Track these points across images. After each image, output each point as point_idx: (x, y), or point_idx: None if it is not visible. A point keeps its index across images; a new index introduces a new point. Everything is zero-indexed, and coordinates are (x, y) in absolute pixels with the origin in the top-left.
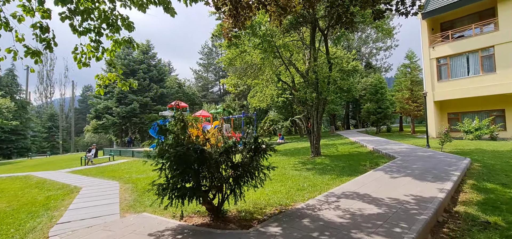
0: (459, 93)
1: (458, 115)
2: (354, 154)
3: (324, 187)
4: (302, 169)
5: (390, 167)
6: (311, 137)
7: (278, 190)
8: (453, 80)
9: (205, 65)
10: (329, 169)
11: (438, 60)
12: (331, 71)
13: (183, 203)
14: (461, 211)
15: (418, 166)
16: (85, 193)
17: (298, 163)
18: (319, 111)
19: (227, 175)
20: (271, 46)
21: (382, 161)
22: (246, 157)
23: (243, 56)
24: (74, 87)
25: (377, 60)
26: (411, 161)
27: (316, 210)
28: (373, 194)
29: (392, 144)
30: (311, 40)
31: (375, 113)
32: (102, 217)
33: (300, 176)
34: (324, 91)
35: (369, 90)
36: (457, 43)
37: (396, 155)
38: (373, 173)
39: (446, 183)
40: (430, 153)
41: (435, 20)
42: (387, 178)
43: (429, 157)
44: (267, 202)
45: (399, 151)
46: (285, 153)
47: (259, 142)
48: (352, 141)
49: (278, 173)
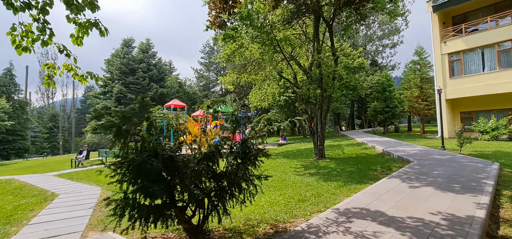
0: (473, 91)
1: (471, 114)
2: (362, 156)
3: (329, 198)
4: (304, 174)
5: (406, 173)
6: (315, 138)
7: (276, 201)
8: (466, 77)
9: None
10: (335, 174)
11: (450, 56)
12: (337, 66)
13: (147, 226)
14: (510, 235)
15: (439, 172)
16: (59, 202)
17: (300, 166)
18: (324, 109)
19: (209, 188)
20: (271, 39)
21: (395, 166)
22: (233, 165)
23: (242, 52)
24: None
25: (383, 58)
26: (430, 165)
27: (321, 234)
28: (391, 211)
29: (403, 145)
30: (315, 31)
31: (383, 113)
32: (61, 236)
33: (302, 183)
34: (329, 87)
35: (375, 89)
36: (471, 38)
37: (410, 158)
38: (387, 181)
39: (480, 196)
40: (448, 155)
41: (447, 13)
42: (405, 188)
43: (449, 161)
44: (261, 217)
45: (413, 153)
46: (286, 155)
47: (249, 145)
48: (359, 141)
49: (278, 179)
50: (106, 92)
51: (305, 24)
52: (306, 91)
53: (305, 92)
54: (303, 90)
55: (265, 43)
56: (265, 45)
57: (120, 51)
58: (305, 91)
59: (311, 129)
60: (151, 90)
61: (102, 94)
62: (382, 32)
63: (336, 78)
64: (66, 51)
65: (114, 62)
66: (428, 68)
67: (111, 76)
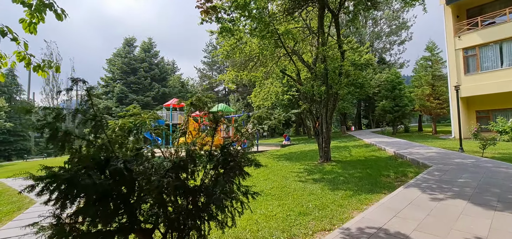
0: (490, 88)
1: (488, 113)
2: (372, 159)
3: (336, 211)
4: (307, 180)
5: (426, 181)
6: (319, 139)
7: (273, 214)
8: (483, 73)
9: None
10: (342, 181)
11: (465, 51)
12: (344, 60)
13: None
14: None
15: (466, 181)
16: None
17: (303, 170)
18: (329, 108)
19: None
20: (271, 31)
21: (410, 171)
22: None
23: (242, 48)
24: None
25: (391, 55)
26: (452, 171)
27: None
28: (416, 234)
29: (416, 146)
30: (319, 22)
31: (392, 112)
32: None
33: (305, 191)
34: (335, 84)
35: (384, 87)
36: (488, 31)
37: (427, 161)
38: (404, 192)
39: None
40: (470, 159)
41: (461, 5)
42: (428, 201)
43: (474, 166)
44: (254, 235)
45: (429, 156)
46: (289, 157)
47: (231, 152)
48: (367, 142)
49: (277, 186)
50: (107, 92)
51: (308, 17)
52: (309, 88)
53: (308, 89)
54: (306, 87)
55: (265, 37)
56: (265, 38)
57: (121, 51)
58: (308, 88)
59: (315, 130)
60: (153, 90)
61: (103, 95)
62: (390, 28)
63: (343, 74)
64: (13, 35)
65: (116, 62)
66: (441, 65)
67: (113, 76)
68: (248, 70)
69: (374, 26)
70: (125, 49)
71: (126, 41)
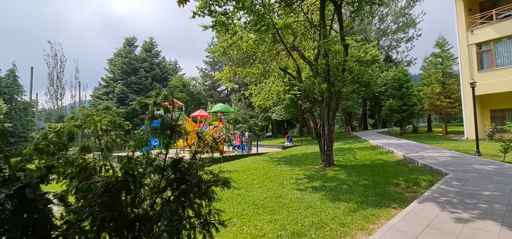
0: (506, 86)
1: (504, 112)
2: (378, 163)
3: (336, 232)
4: (306, 188)
5: (444, 194)
6: (321, 141)
7: (262, 233)
8: (498, 70)
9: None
10: (345, 191)
11: (478, 46)
12: (347, 54)
13: None
14: None
15: (492, 193)
16: None
17: (303, 176)
18: (332, 108)
19: None
20: (267, 24)
21: (423, 179)
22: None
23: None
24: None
25: (398, 53)
26: (473, 181)
27: None
28: None
29: (427, 149)
30: (321, 14)
31: (400, 111)
32: None
33: (302, 202)
34: (337, 81)
35: (391, 85)
36: (504, 25)
37: (442, 168)
38: (419, 208)
39: None
40: (491, 165)
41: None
42: (450, 223)
43: (498, 174)
44: None
45: (443, 160)
46: (289, 160)
47: (186, 168)
48: (373, 144)
49: (272, 195)
50: (108, 93)
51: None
52: (310, 85)
53: (309, 87)
54: (306, 85)
55: (260, 30)
56: (260, 32)
57: (122, 51)
58: (309, 85)
59: (316, 131)
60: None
61: (104, 95)
62: (396, 25)
63: (346, 71)
64: None
65: (116, 62)
66: (452, 62)
67: (113, 76)
68: (244, 67)
69: (380, 23)
70: (125, 49)
71: (127, 41)
